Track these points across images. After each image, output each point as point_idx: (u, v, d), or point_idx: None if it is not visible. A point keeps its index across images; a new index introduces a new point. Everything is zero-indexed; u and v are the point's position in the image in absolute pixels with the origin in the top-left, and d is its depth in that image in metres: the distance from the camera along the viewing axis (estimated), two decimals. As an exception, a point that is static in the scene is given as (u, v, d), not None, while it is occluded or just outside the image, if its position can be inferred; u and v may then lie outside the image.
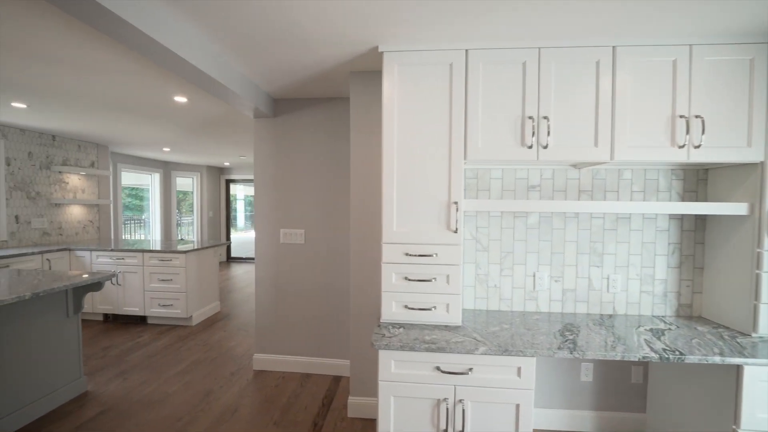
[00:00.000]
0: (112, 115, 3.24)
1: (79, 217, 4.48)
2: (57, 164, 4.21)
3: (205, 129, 3.78)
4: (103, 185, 4.82)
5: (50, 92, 2.62)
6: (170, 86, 2.47)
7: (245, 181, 8.01)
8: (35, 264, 3.44)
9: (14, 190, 3.78)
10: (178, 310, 3.63)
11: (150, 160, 6.30)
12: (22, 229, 3.84)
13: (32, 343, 2.09)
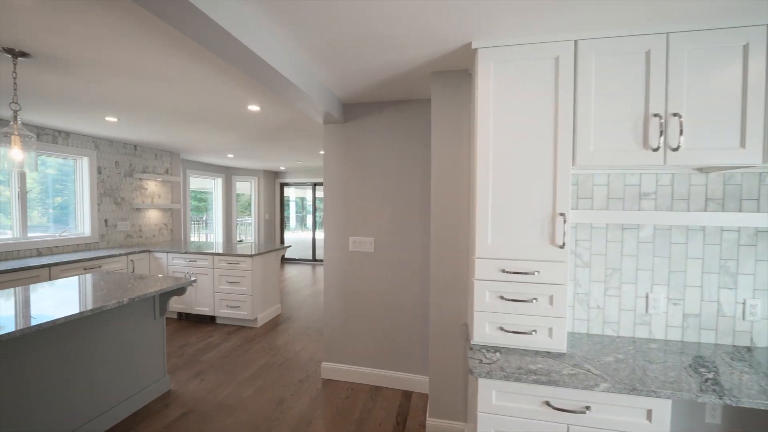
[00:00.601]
0: (188, 125, 3.41)
1: (156, 220, 4.82)
2: (138, 172, 4.56)
3: (270, 136, 3.87)
4: (176, 190, 5.16)
5: (138, 106, 2.79)
6: (246, 96, 2.51)
7: (297, 184, 8.23)
8: (121, 264, 3.73)
9: (104, 196, 4.14)
10: (244, 312, 3.75)
11: (213, 166, 6.68)
12: (109, 232, 4.20)
13: (123, 345, 2.20)
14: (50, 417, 1.79)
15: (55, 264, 3.14)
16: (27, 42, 1.71)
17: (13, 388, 1.64)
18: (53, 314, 1.65)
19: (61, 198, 3.85)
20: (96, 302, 1.86)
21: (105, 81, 2.23)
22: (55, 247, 3.66)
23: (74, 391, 1.90)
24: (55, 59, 1.89)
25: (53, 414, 1.80)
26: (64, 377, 1.85)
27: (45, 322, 1.55)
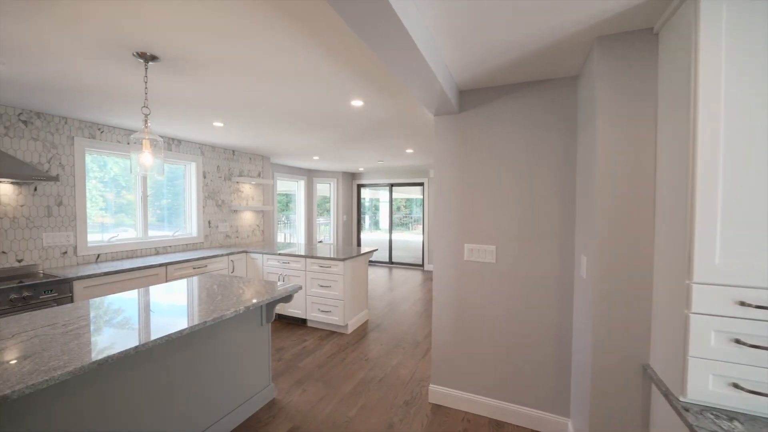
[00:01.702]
0: (287, 126, 3.39)
1: (250, 222, 5.03)
2: (235, 175, 4.79)
3: (362, 135, 3.71)
4: (267, 193, 5.35)
5: (245, 109, 2.80)
6: (352, 89, 2.32)
7: (373, 185, 8.15)
8: (223, 264, 3.88)
9: (207, 199, 4.39)
10: (336, 318, 3.64)
11: (297, 169, 6.88)
12: (212, 233, 4.45)
13: (232, 352, 2.14)
14: (161, 430, 1.74)
15: (170, 263, 3.34)
16: (157, 44, 1.70)
17: (126, 401, 1.61)
18: (178, 324, 1.59)
19: (167, 200, 4.16)
20: (215, 310, 1.79)
21: (221, 83, 2.21)
22: (169, 247, 3.94)
23: (185, 402, 1.83)
24: (182, 61, 1.87)
25: (164, 426, 1.73)
26: (176, 387, 1.79)
27: (174, 332, 1.48)
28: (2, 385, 1.04)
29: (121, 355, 1.28)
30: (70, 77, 2.13)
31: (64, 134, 3.10)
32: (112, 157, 3.53)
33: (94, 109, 2.86)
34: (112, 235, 3.51)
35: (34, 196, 2.92)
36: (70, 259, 3.14)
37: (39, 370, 1.14)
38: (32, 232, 2.91)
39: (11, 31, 1.58)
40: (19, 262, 2.84)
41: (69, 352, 1.28)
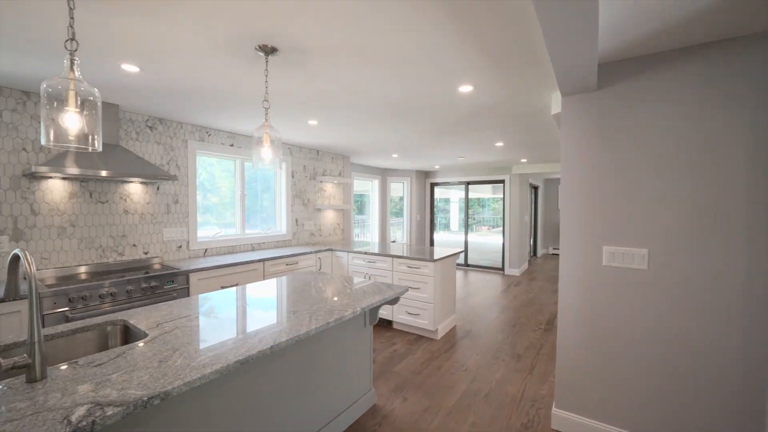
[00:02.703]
0: (379, 120, 3.30)
1: (331, 220, 5.10)
2: (319, 175, 4.88)
3: (456, 126, 3.47)
4: (346, 192, 5.39)
5: (342, 103, 2.74)
6: (463, 71, 2.10)
7: (447, 183, 7.84)
8: (311, 262, 3.94)
9: (295, 198, 4.53)
10: (425, 321, 3.45)
11: (372, 168, 6.87)
12: (298, 231, 4.58)
13: (336, 355, 2.05)
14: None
15: (266, 259, 3.45)
16: (278, 35, 1.66)
17: (232, 404, 1.56)
18: (303, 323, 1.52)
19: (255, 199, 4.35)
20: (333, 310, 1.70)
21: (328, 73, 2.15)
22: (263, 243, 4.12)
23: (292, 405, 1.74)
24: (297, 52, 1.83)
25: (272, 430, 1.66)
26: (283, 389, 1.73)
27: (302, 333, 1.40)
28: (162, 380, 1.01)
29: (259, 355, 1.22)
30: (193, 79, 2.24)
31: (179, 138, 3.37)
32: (213, 158, 3.78)
33: (206, 112, 3.04)
34: (216, 232, 3.75)
35: (157, 195, 3.21)
36: (184, 252, 3.41)
37: (190, 365, 1.11)
38: (155, 227, 3.20)
39: (147, 34, 1.66)
40: (145, 254, 3.14)
41: (212, 349, 1.25)
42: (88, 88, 1.16)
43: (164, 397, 0.95)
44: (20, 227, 2.50)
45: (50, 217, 2.63)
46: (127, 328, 1.55)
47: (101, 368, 1.08)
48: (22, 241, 2.52)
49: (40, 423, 0.81)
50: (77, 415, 0.84)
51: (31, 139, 2.54)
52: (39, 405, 0.89)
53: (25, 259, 1.01)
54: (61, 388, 0.97)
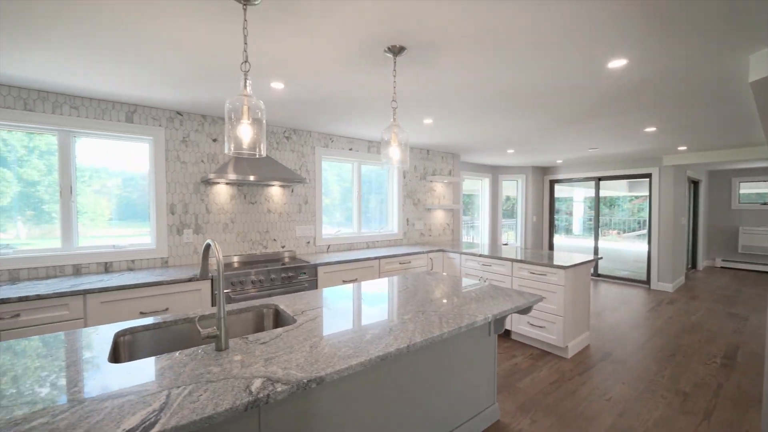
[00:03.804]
0: (500, 113, 3.08)
1: (441, 220, 5.02)
2: (429, 174, 4.86)
3: (593, 111, 2.99)
4: (456, 191, 5.23)
5: (461, 97, 2.63)
6: (614, 44, 1.75)
7: (568, 180, 6.91)
8: (423, 262, 3.93)
9: (406, 198, 4.60)
10: (552, 336, 3.06)
11: (482, 166, 6.54)
12: (409, 230, 4.64)
13: (458, 363, 1.93)
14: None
15: (382, 257, 3.58)
16: (407, 33, 1.65)
17: (350, 403, 1.57)
18: (433, 325, 1.47)
19: (364, 200, 4.53)
20: (462, 315, 1.61)
21: (453, 68, 2.07)
22: (376, 242, 4.30)
23: (410, 412, 1.69)
24: (425, 48, 1.81)
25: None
26: (404, 395, 1.69)
27: (436, 335, 1.36)
28: (316, 366, 1.08)
29: (397, 352, 1.21)
30: (326, 89, 2.45)
31: (309, 145, 3.77)
32: (335, 162, 4.10)
33: (332, 120, 3.32)
34: (336, 230, 4.08)
35: (291, 196, 3.66)
36: (311, 248, 3.79)
37: (336, 354, 1.17)
38: (289, 224, 3.65)
39: (292, 52, 1.85)
40: (282, 248, 3.61)
41: (352, 341, 1.31)
42: (257, 102, 1.34)
43: (319, 382, 1.01)
44: (199, 223, 3.15)
45: (218, 214, 3.24)
46: (278, 311, 1.76)
47: (266, 346, 1.23)
48: (200, 233, 3.16)
49: (229, 388, 0.95)
50: (255, 387, 0.95)
51: (206, 153, 3.18)
52: (226, 372, 1.04)
53: (214, 247, 1.22)
54: (239, 360, 1.13)
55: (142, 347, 1.46)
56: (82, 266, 2.67)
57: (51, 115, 2.55)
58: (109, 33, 1.67)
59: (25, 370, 1.06)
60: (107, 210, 2.87)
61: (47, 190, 2.63)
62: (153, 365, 1.08)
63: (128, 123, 2.83)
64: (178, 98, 2.69)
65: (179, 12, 1.48)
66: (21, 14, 1.51)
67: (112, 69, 2.11)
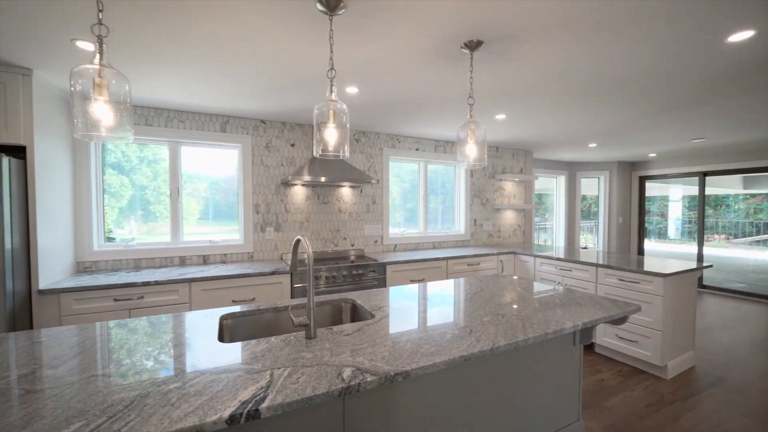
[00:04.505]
0: (583, 104, 2.83)
1: (511, 221, 4.77)
2: (498, 173, 4.65)
3: (708, 94, 2.59)
4: (528, 190, 4.93)
5: (539, 89, 2.48)
6: (731, 17, 1.49)
7: (662, 177, 6.06)
8: (492, 264, 3.77)
9: (474, 197, 4.46)
10: (646, 352, 2.71)
11: (557, 162, 6.07)
12: (477, 231, 4.49)
13: (538, 373, 1.80)
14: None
15: (449, 258, 3.52)
16: (483, 27, 1.60)
17: (424, 407, 1.52)
18: (516, 328, 1.40)
19: (428, 198, 4.47)
20: (548, 321, 1.51)
21: (533, 59, 1.96)
22: (443, 242, 4.25)
23: (487, 420, 1.62)
24: (504, 41, 1.74)
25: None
26: (479, 400, 1.62)
27: (521, 339, 1.29)
28: (400, 360, 1.11)
29: (480, 354, 1.18)
30: (399, 91, 2.49)
31: (377, 147, 3.87)
32: (403, 163, 4.14)
33: (399, 121, 3.36)
34: (402, 230, 4.11)
35: (360, 196, 3.79)
36: (379, 246, 3.88)
37: (419, 351, 1.18)
38: (358, 224, 3.78)
39: (368, 56, 1.91)
40: (352, 246, 3.75)
41: (433, 339, 1.31)
42: (341, 106, 1.41)
43: (405, 376, 1.03)
44: (279, 221, 3.42)
45: (295, 213, 3.49)
46: (355, 306, 1.83)
47: (350, 338, 1.29)
48: (280, 231, 3.43)
49: (323, 373, 1.01)
50: (347, 375, 1.00)
51: (286, 157, 3.44)
52: (318, 359, 1.12)
53: (305, 243, 1.31)
54: (327, 348, 1.20)
55: (239, 330, 1.63)
56: (186, 258, 3.08)
57: (164, 128, 2.99)
58: (212, 55, 1.91)
59: (162, 344, 1.26)
60: (196, 210, 3.27)
61: (153, 193, 3.09)
62: (254, 347, 1.21)
63: (222, 132, 3.19)
64: (262, 108, 2.96)
65: (271, 29, 1.63)
66: (153, 50, 1.80)
67: (212, 85, 2.40)
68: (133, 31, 1.67)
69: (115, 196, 2.98)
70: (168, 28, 1.63)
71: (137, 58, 1.96)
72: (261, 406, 0.85)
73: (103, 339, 1.30)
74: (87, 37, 1.72)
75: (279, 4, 1.43)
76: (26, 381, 0.98)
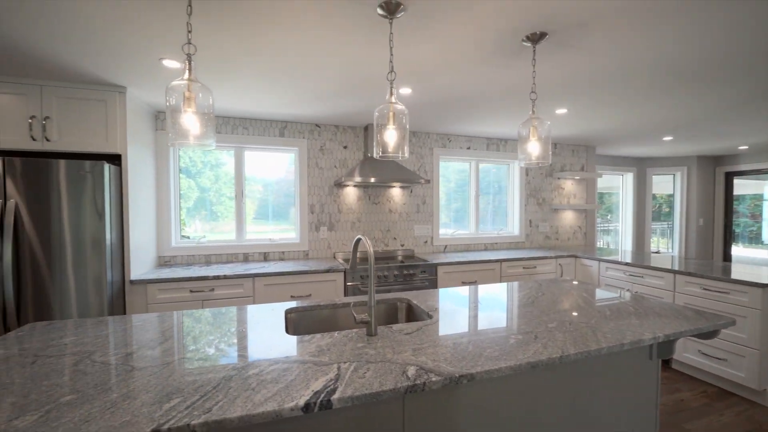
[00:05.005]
0: (659, 94, 2.58)
1: (570, 222, 4.47)
2: (557, 171, 4.39)
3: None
4: (590, 189, 4.59)
5: (604, 80, 2.29)
6: None
7: (754, 172, 5.28)
8: (551, 267, 3.56)
9: (529, 197, 4.25)
10: (739, 373, 2.38)
11: (624, 158, 5.56)
12: (532, 232, 4.27)
13: (608, 389, 1.65)
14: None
15: (504, 260, 3.39)
16: (548, 16, 1.52)
17: (485, 414, 1.45)
18: (587, 337, 1.31)
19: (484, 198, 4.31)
20: (623, 330, 1.39)
21: (602, 45, 1.82)
22: (495, 244, 4.10)
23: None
24: (571, 30, 1.64)
25: None
26: (538, 415, 1.52)
27: (593, 349, 1.20)
28: (463, 363, 1.09)
29: (548, 361, 1.13)
30: (452, 89, 2.46)
31: (427, 146, 3.85)
32: (453, 162, 4.07)
33: (450, 120, 3.31)
34: (453, 230, 4.04)
35: (410, 197, 3.79)
36: (428, 247, 3.86)
37: (482, 354, 1.15)
38: (408, 224, 3.79)
39: (422, 57, 1.90)
40: (402, 246, 3.77)
41: (495, 342, 1.27)
42: (401, 108, 1.43)
43: (470, 379, 1.02)
44: (332, 221, 3.55)
45: (347, 214, 3.59)
46: (410, 306, 1.84)
47: (410, 337, 1.30)
48: (333, 231, 3.55)
49: (387, 370, 1.03)
50: (411, 373, 1.01)
51: (338, 159, 3.55)
52: (381, 356, 1.14)
53: (366, 242, 1.35)
54: (389, 346, 1.22)
55: (301, 324, 1.72)
56: (249, 255, 3.32)
57: (231, 135, 3.25)
58: (276, 65, 2.03)
59: (237, 333, 1.37)
60: (251, 210, 3.49)
61: (215, 195, 3.36)
62: (319, 340, 1.27)
63: (281, 137, 3.38)
64: (318, 113, 3.09)
65: (331, 36, 1.69)
66: (224, 63, 1.97)
67: (274, 93, 2.55)
68: (209, 49, 1.83)
69: (183, 198, 3.30)
70: (238, 42, 1.77)
71: (209, 72, 2.15)
72: (332, 397, 0.89)
73: (187, 326, 1.44)
74: (172, 56, 1.92)
75: (341, 12, 1.48)
76: (131, 359, 1.12)
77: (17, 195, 2.11)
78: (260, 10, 1.48)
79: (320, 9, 1.46)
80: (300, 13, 1.50)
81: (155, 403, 0.87)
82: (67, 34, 1.68)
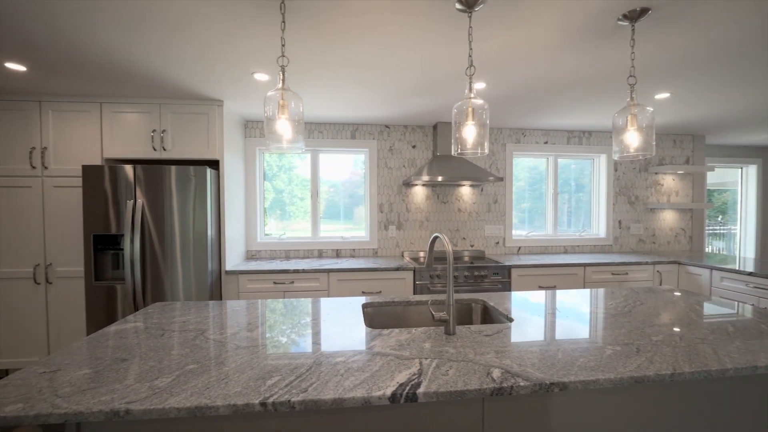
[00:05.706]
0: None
1: (671, 224, 3.89)
2: (653, 165, 3.85)
3: None
4: (697, 185, 3.94)
5: (724, 56, 1.95)
6: None
7: None
8: (646, 275, 3.14)
9: (618, 195, 3.81)
10: None
11: (742, 148, 4.67)
12: (622, 234, 3.82)
13: (731, 426, 1.38)
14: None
15: (588, 264, 3.08)
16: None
17: (639, 426, 1.29)
18: (707, 358, 1.13)
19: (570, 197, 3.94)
20: (752, 353, 1.17)
21: (721, 13, 1.56)
22: (576, 246, 3.75)
23: None
24: (681, 1, 1.43)
25: None
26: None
27: (700, 371, 1.04)
28: (552, 370, 1.02)
29: (656, 378, 1.00)
30: (531, 80, 2.32)
31: (499, 142, 3.68)
32: (529, 158, 3.82)
33: (530, 112, 3.11)
34: (528, 231, 3.80)
35: (481, 195, 3.66)
36: (500, 248, 3.68)
37: (574, 364, 1.06)
38: (478, 224, 3.66)
39: (497, 50, 1.82)
40: (471, 246, 3.65)
41: (588, 352, 1.17)
42: (481, 103, 1.39)
43: (563, 388, 0.95)
44: (401, 220, 3.59)
45: (416, 213, 3.60)
46: (486, 308, 1.78)
47: (490, 339, 1.26)
48: (401, 230, 3.59)
49: (470, 370, 1.01)
50: (496, 375, 0.98)
51: (407, 158, 3.58)
52: (462, 355, 1.12)
53: (444, 240, 1.34)
54: (469, 345, 1.19)
55: (376, 319, 1.77)
56: (323, 251, 3.52)
57: (308, 139, 3.48)
58: (351, 71, 2.13)
59: (321, 322, 1.47)
60: (320, 209, 3.67)
61: (287, 196, 3.61)
62: (398, 335, 1.29)
63: (352, 139, 3.52)
64: (387, 114, 3.15)
65: (409, 35, 1.71)
66: (306, 75, 2.12)
67: (348, 97, 2.67)
68: (295, 61, 1.99)
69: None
70: (319, 54, 1.89)
71: (292, 81, 2.33)
72: (418, 390, 0.90)
73: (277, 313, 1.59)
74: (263, 69, 2.13)
75: (418, 9, 1.49)
76: (235, 338, 1.27)
77: (142, 196, 2.54)
78: (349, 28, 1.56)
79: (400, 8, 1.48)
80: (379, 24, 1.54)
81: (259, 378, 0.97)
82: (182, 58, 1.97)
